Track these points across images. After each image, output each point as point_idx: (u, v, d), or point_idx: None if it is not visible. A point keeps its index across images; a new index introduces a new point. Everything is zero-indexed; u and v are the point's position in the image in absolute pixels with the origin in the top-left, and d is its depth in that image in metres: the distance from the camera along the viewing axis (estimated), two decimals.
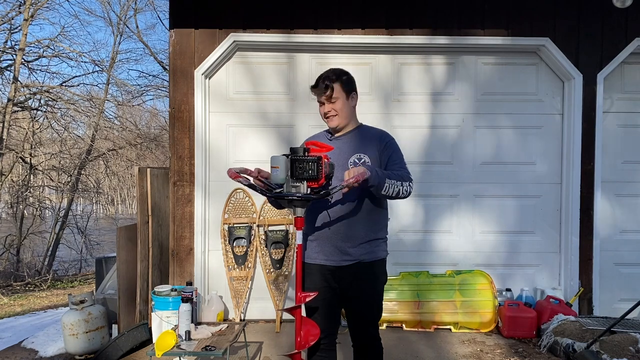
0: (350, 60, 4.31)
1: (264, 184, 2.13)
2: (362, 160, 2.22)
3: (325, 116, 2.29)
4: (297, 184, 2.02)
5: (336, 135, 2.34)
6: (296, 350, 2.06)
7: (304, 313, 2.12)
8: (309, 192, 2.03)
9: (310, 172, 1.99)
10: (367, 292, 2.27)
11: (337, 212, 2.21)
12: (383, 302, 2.39)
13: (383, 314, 3.84)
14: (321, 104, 2.28)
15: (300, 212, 2.03)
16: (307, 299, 2.08)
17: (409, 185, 2.18)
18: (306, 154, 2.02)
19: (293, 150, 2.04)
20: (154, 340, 3.12)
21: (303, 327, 2.08)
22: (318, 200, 2.05)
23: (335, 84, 2.24)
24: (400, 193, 2.14)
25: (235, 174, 2.09)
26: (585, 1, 4.21)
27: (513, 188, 4.37)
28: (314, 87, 2.28)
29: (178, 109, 4.21)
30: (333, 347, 2.32)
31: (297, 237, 2.09)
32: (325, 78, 2.25)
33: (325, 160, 2.04)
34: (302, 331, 2.07)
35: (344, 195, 2.16)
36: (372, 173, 2.01)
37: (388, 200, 2.36)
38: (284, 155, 2.02)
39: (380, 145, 2.27)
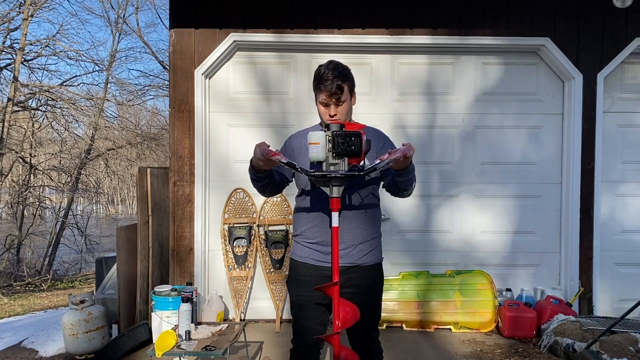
0: (351, 60, 4.27)
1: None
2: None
3: (332, 118, 2.11)
4: (337, 161, 1.82)
5: None
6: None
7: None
8: (348, 169, 1.84)
9: (353, 147, 1.81)
10: (371, 299, 2.16)
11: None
12: (383, 302, 2.35)
13: (383, 314, 3.87)
14: (326, 105, 2.09)
15: (337, 192, 1.84)
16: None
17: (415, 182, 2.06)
18: (343, 129, 1.84)
19: (327, 126, 1.86)
20: (154, 340, 3.12)
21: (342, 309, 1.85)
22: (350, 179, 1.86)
23: (345, 85, 2.06)
24: (411, 188, 2.03)
25: (272, 153, 1.93)
26: (585, 1, 4.21)
27: (513, 188, 4.38)
28: (324, 88, 2.05)
29: (178, 109, 4.21)
30: (319, 353, 2.24)
31: (334, 220, 1.84)
32: (335, 78, 2.05)
33: (363, 136, 1.87)
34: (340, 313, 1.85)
35: (347, 191, 2.04)
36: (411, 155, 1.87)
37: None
38: (321, 130, 1.85)
39: (379, 144, 2.16)
